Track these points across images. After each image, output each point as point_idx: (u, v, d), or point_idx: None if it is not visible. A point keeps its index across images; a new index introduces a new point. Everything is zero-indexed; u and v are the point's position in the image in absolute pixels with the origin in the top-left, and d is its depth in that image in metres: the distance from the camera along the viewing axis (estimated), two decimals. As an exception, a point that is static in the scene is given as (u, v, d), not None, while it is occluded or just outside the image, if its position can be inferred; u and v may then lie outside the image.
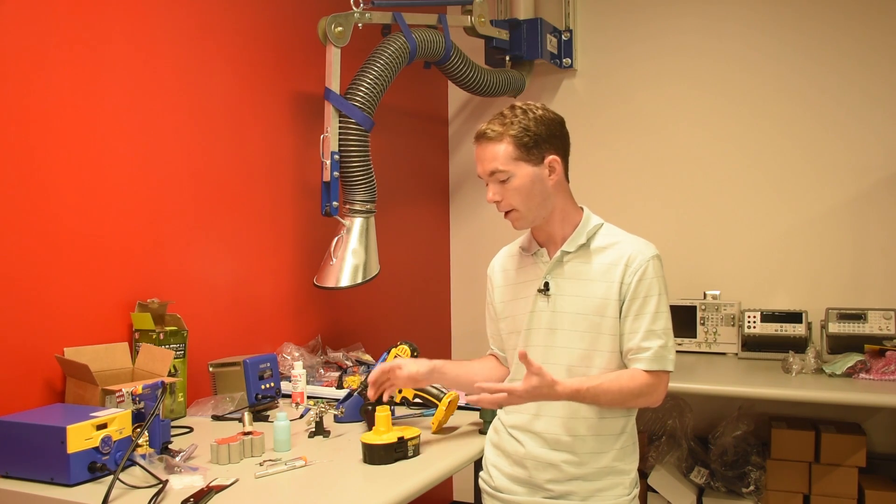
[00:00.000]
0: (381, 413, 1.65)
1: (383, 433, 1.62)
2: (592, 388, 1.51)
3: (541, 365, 1.47)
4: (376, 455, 1.59)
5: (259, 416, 1.98)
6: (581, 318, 1.59)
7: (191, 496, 1.37)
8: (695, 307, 2.93)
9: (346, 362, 2.50)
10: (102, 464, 1.48)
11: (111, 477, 1.41)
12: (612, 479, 1.60)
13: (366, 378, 1.95)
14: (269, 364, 2.09)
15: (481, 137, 1.59)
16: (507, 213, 1.63)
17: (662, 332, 1.57)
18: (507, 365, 1.79)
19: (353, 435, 1.83)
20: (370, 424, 1.80)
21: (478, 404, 1.54)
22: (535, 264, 1.67)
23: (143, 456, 1.50)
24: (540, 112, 1.59)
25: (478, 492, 1.79)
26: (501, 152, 1.56)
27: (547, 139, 1.59)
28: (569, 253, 1.63)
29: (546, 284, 1.63)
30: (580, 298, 1.60)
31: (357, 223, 2.46)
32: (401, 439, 1.61)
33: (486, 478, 1.73)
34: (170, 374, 1.86)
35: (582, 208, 1.69)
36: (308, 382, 2.20)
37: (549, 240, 1.66)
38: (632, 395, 1.55)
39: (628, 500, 1.62)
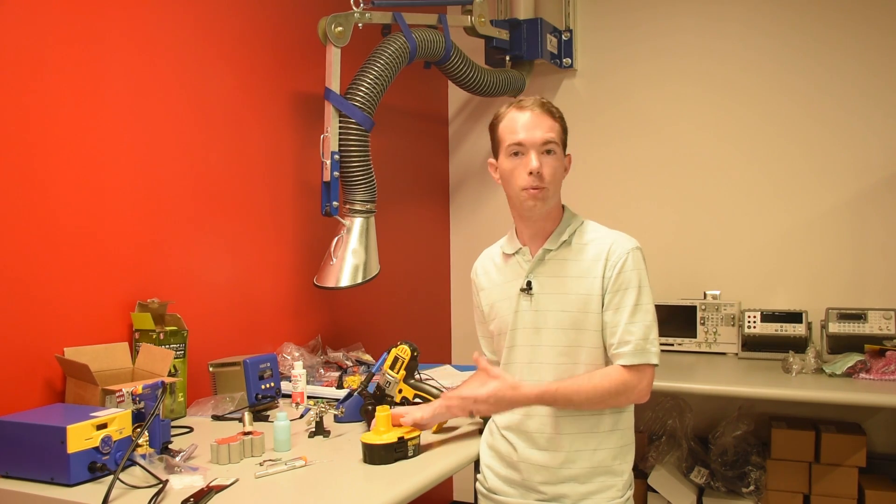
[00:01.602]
0: (382, 413, 1.65)
1: (383, 433, 1.62)
2: (562, 388, 1.51)
3: (502, 370, 1.52)
4: (376, 455, 1.59)
5: (259, 416, 1.98)
6: (565, 316, 1.59)
7: (191, 496, 1.38)
8: (695, 307, 2.93)
9: (346, 362, 2.50)
10: (102, 464, 1.48)
11: (111, 477, 1.41)
12: (605, 480, 1.59)
13: (366, 378, 1.95)
14: (269, 364, 2.09)
15: (538, 107, 1.59)
16: (535, 189, 1.57)
17: (643, 325, 1.55)
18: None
19: (353, 435, 1.83)
20: (370, 425, 1.80)
21: (448, 411, 1.57)
22: (518, 264, 1.66)
23: (143, 456, 1.50)
24: None
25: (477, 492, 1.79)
26: (556, 128, 1.60)
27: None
28: (550, 251, 1.62)
29: (528, 283, 1.63)
30: (563, 296, 1.59)
31: (357, 223, 2.46)
32: (401, 439, 1.61)
33: (481, 478, 1.73)
34: (170, 374, 1.86)
35: (563, 206, 1.69)
36: (308, 382, 2.20)
37: (532, 237, 1.65)
38: (609, 394, 1.52)
39: (622, 502, 1.61)
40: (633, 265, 1.57)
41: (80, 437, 1.46)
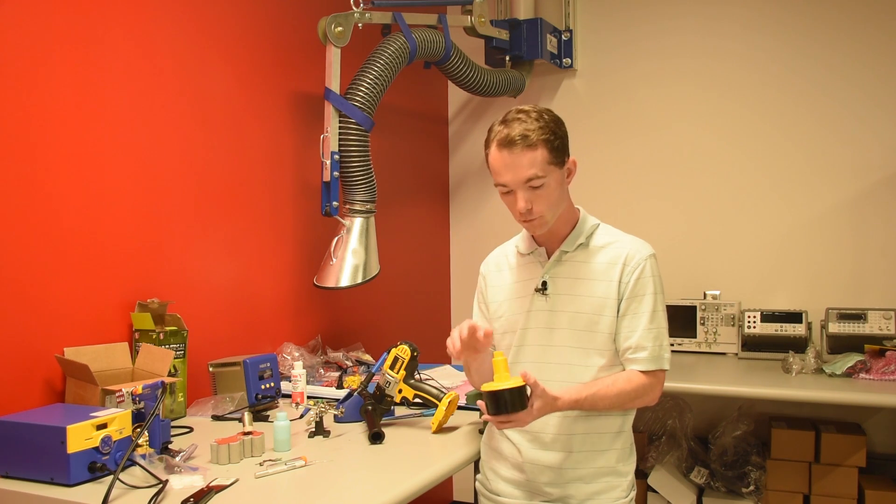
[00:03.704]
0: (499, 357, 1.45)
1: (508, 378, 1.42)
2: (590, 395, 1.52)
3: (536, 379, 1.44)
4: (506, 401, 1.40)
5: (259, 416, 1.98)
6: (579, 317, 1.59)
7: (191, 496, 1.38)
8: (695, 307, 2.93)
9: (346, 362, 2.50)
10: (102, 464, 1.48)
11: (111, 477, 1.41)
12: (609, 480, 1.60)
13: (366, 378, 1.95)
14: (269, 364, 2.09)
15: (516, 143, 1.50)
16: (529, 221, 1.57)
17: (659, 332, 1.58)
18: None
19: (354, 435, 1.83)
20: (370, 424, 1.80)
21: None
22: (533, 264, 1.67)
23: (143, 456, 1.50)
24: (553, 114, 1.57)
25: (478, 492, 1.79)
26: (539, 158, 1.51)
27: (566, 141, 1.58)
28: (567, 252, 1.63)
29: (544, 284, 1.63)
30: (578, 297, 1.60)
31: (357, 223, 2.46)
32: (524, 385, 1.42)
33: (483, 480, 1.73)
34: (170, 374, 1.86)
35: (578, 208, 1.69)
36: (308, 382, 2.20)
37: (548, 239, 1.65)
38: (629, 398, 1.56)
39: (626, 502, 1.61)
40: (650, 272, 1.59)
41: (80, 437, 1.46)
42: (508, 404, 1.40)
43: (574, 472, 1.59)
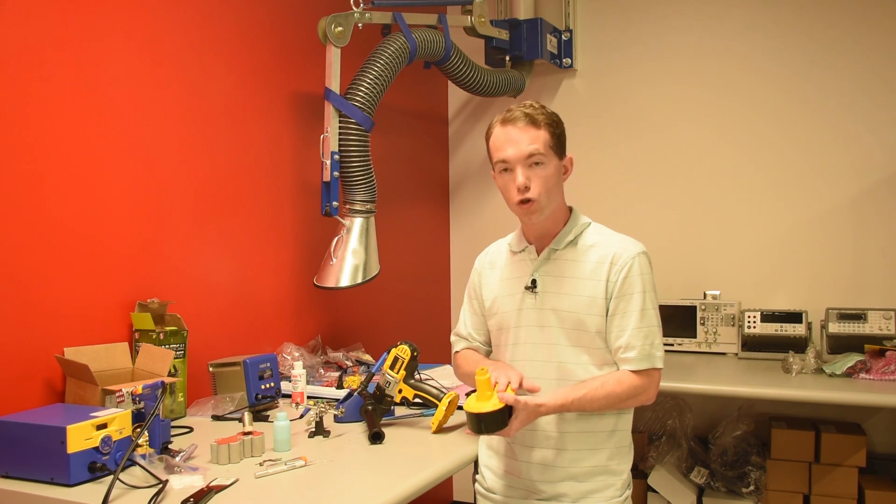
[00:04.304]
0: (483, 377, 1.47)
1: (489, 398, 1.46)
2: (577, 399, 1.52)
3: (516, 396, 1.46)
4: (490, 423, 1.45)
5: (259, 416, 1.98)
6: (568, 316, 1.59)
7: (191, 496, 1.38)
8: (695, 307, 2.93)
9: (346, 362, 2.50)
10: (102, 464, 1.48)
11: (111, 477, 1.41)
12: (604, 479, 1.60)
13: (366, 378, 1.95)
14: (269, 364, 2.09)
15: (521, 119, 1.54)
16: (526, 203, 1.56)
17: (649, 330, 1.56)
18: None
19: (354, 435, 1.83)
20: (370, 425, 1.80)
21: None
22: (524, 261, 1.67)
23: (143, 456, 1.50)
24: (554, 112, 1.61)
25: (478, 492, 1.79)
26: (542, 137, 1.55)
27: (565, 139, 1.61)
28: (557, 251, 1.62)
29: (533, 282, 1.63)
30: (567, 296, 1.59)
31: (357, 223, 2.46)
32: (507, 406, 1.46)
33: (480, 479, 1.73)
34: (170, 374, 1.86)
35: (570, 207, 1.69)
36: (308, 382, 2.20)
37: (538, 237, 1.65)
38: (620, 399, 1.55)
39: (620, 501, 1.61)
40: (638, 270, 1.57)
41: (80, 437, 1.46)
42: (485, 426, 1.45)
43: (567, 471, 1.58)
